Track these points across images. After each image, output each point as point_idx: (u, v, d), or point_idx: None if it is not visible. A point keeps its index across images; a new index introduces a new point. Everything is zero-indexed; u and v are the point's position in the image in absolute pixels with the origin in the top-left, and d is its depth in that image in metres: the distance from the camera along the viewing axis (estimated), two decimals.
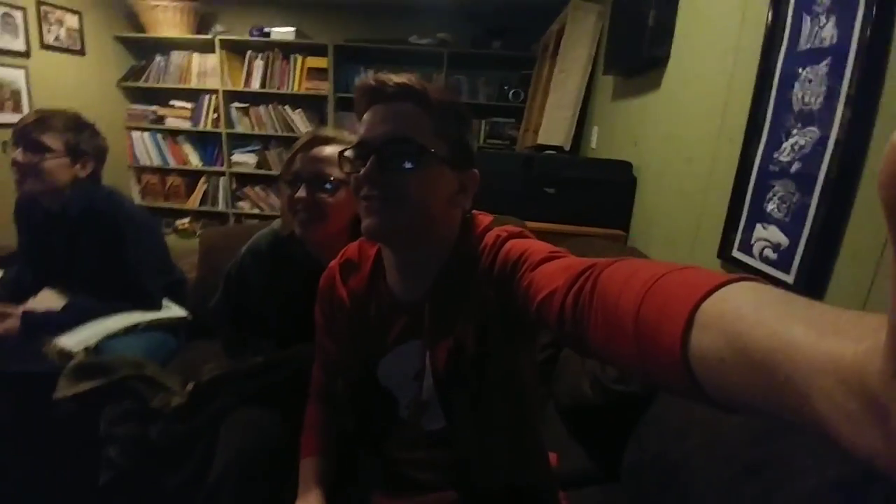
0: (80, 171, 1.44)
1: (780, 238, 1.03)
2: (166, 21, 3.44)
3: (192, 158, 3.76)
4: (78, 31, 3.21)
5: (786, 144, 1.04)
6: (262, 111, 3.64)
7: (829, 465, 0.63)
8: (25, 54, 2.85)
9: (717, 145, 1.35)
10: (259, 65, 3.56)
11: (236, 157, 3.73)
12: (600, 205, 1.97)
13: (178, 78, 3.61)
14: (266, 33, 3.49)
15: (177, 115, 3.68)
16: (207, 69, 3.58)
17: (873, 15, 0.81)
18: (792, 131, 1.03)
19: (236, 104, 3.64)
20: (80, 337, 1.37)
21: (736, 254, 1.19)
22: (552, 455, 0.90)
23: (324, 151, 1.03)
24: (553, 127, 2.63)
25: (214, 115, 3.63)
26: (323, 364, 0.92)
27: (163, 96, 3.69)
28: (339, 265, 0.86)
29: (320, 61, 3.52)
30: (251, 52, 3.55)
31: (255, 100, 3.65)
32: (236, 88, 3.58)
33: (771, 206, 1.08)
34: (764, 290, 0.32)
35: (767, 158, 1.10)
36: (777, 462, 0.71)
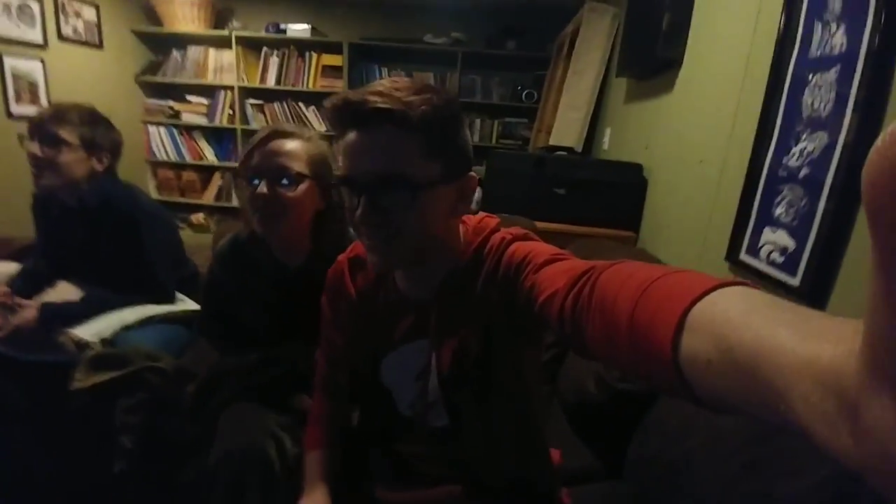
0: (96, 164, 1.45)
1: (788, 241, 1.05)
2: (183, 16, 3.47)
3: (207, 153, 3.80)
4: (95, 23, 3.23)
5: (795, 149, 1.05)
6: (277, 108, 3.68)
7: (829, 463, 0.63)
8: (43, 46, 2.85)
9: (727, 149, 1.35)
10: (275, 61, 3.59)
11: None
12: (611, 206, 1.97)
13: (194, 73, 3.66)
14: (282, 30, 3.52)
15: (193, 111, 3.72)
16: (223, 65, 3.62)
17: (882, 23, 0.83)
18: (801, 136, 1.04)
19: (251, 100, 3.68)
20: (96, 328, 1.39)
21: (743, 257, 1.20)
22: (555, 452, 0.91)
23: (284, 146, 1.01)
24: (565, 128, 2.64)
25: (230, 111, 3.67)
26: (328, 357, 0.91)
27: (179, 91, 3.74)
28: (348, 259, 0.85)
29: (335, 59, 3.55)
30: (267, 49, 3.58)
31: (270, 97, 3.68)
32: (252, 85, 3.61)
33: (779, 210, 1.09)
34: (753, 294, 0.33)
35: (777, 163, 1.11)
36: (777, 460, 0.71)
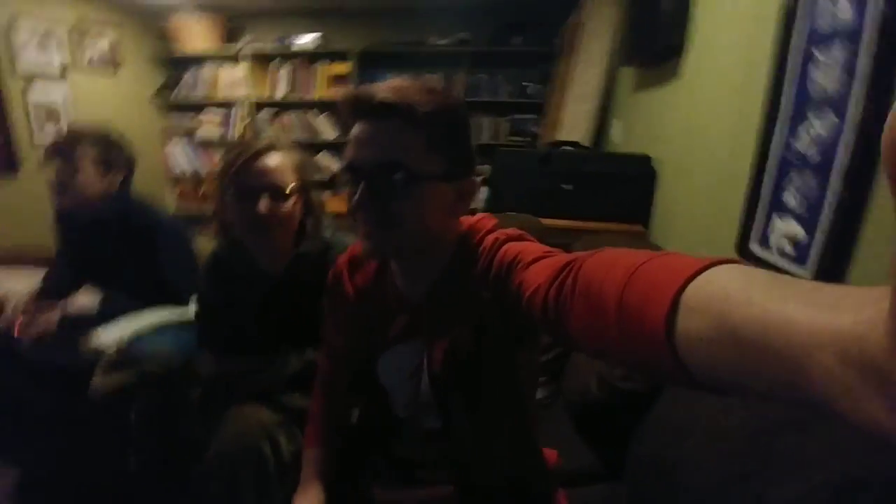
0: (112, 182, 1.51)
1: (797, 230, 0.99)
2: (198, 34, 3.59)
3: None
4: (113, 49, 3.37)
5: (803, 132, 1.00)
6: (287, 118, 3.74)
7: (829, 463, 0.61)
8: (63, 74, 3.00)
9: (735, 135, 1.30)
10: (284, 73, 3.66)
11: None
12: (619, 200, 1.92)
13: (207, 89, 3.76)
14: (291, 43, 3.58)
15: (208, 125, 3.82)
16: (235, 80, 3.71)
17: None
18: (809, 118, 0.98)
19: (263, 112, 3.75)
20: (115, 333, 1.45)
21: (752, 246, 1.14)
22: (552, 453, 0.90)
23: (273, 161, 1.03)
24: (573, 121, 2.59)
25: (244, 124, 3.74)
26: (329, 356, 0.93)
27: (194, 108, 3.84)
28: (347, 260, 0.87)
29: (343, 67, 3.60)
30: (276, 62, 3.65)
31: (281, 107, 3.75)
32: (262, 97, 3.69)
33: (788, 197, 1.03)
34: (750, 270, 0.32)
35: (785, 147, 1.06)
36: (777, 461, 0.69)
